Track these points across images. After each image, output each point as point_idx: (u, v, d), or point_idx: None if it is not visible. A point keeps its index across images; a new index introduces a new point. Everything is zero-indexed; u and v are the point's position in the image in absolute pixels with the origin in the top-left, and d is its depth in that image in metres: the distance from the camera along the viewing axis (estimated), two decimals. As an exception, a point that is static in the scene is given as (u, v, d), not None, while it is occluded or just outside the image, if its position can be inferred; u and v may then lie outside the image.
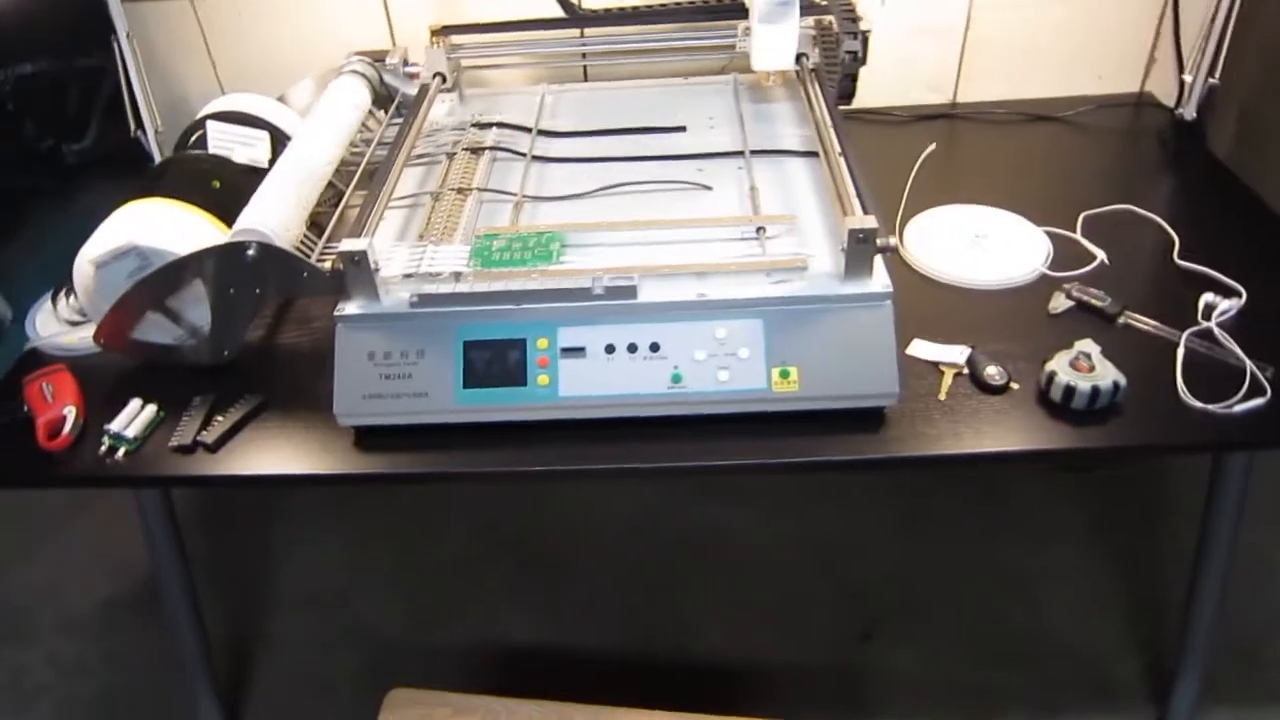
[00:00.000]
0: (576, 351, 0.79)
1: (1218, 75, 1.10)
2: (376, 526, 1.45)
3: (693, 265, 0.80)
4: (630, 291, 0.78)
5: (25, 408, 0.82)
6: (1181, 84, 1.15)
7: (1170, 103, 1.23)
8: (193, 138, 1.00)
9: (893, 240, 0.76)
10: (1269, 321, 0.87)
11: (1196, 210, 1.04)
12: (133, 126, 1.15)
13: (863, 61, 1.02)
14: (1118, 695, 1.18)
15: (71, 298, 0.97)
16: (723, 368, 0.78)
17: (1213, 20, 1.09)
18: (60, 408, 0.81)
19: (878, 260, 0.79)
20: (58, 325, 0.94)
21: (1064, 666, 1.21)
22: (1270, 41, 1.09)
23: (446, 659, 1.27)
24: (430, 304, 0.78)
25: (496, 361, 0.79)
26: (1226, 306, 0.88)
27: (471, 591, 1.35)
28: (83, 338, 0.91)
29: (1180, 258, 0.96)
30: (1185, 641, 1.08)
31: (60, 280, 0.97)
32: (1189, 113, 1.15)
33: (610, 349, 0.79)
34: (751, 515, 1.44)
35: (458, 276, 0.80)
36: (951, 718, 1.17)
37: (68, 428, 0.80)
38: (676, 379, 0.78)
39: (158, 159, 1.18)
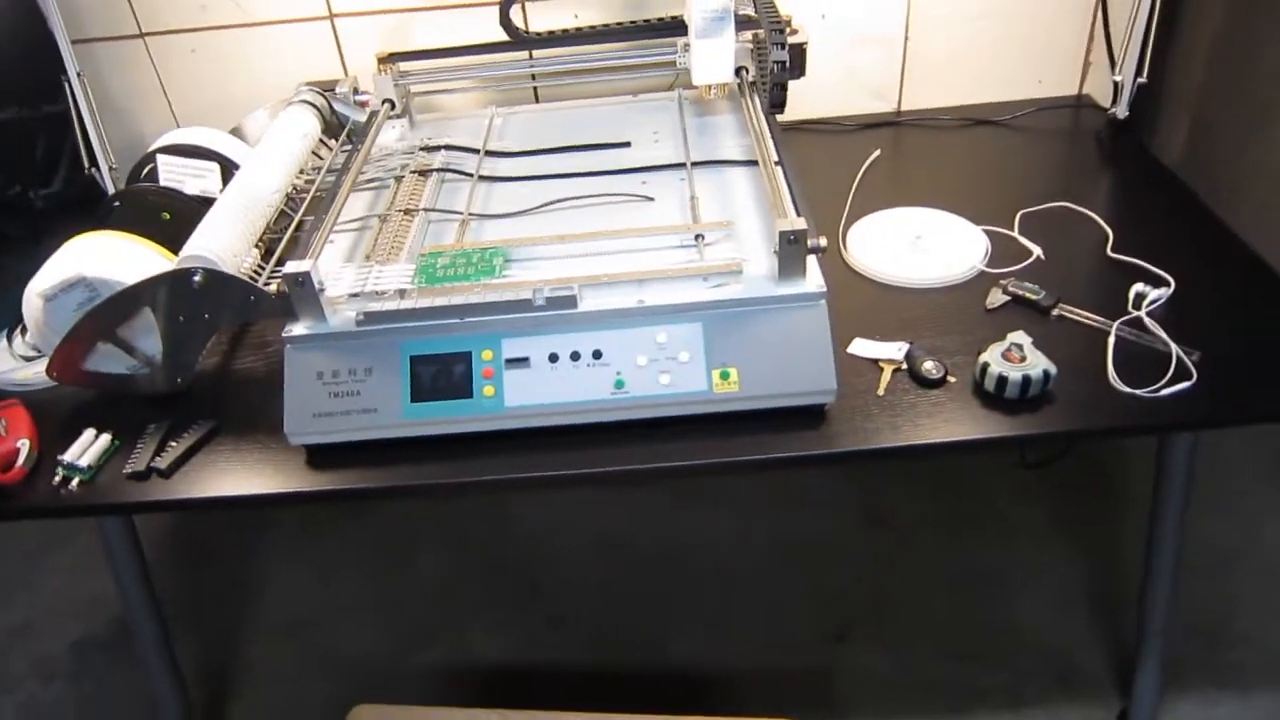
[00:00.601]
0: (520, 362, 0.80)
1: (1145, 75, 1.13)
2: (347, 552, 1.46)
3: (631, 273, 0.82)
4: (570, 301, 0.80)
5: (-20, 443, 0.83)
6: (1114, 85, 1.19)
7: (1107, 103, 1.27)
8: (144, 171, 1.01)
9: (823, 241, 0.78)
10: (1196, 308, 0.90)
11: (1130, 205, 1.07)
12: (87, 164, 1.17)
13: (799, 73, 1.04)
14: (1085, 684, 1.19)
15: (25, 334, 0.98)
16: (664, 372, 0.80)
17: (1132, 23, 1.13)
18: (14, 441, 0.82)
19: (811, 261, 0.81)
20: (12, 362, 0.95)
21: (1032, 659, 1.22)
22: (1206, 48, 1.13)
23: (422, 681, 1.27)
24: (376, 321, 0.80)
25: (443, 375, 0.80)
26: (1156, 295, 0.91)
27: (444, 612, 1.35)
28: (36, 372, 0.92)
29: (1113, 251, 0.99)
30: (1144, 626, 1.10)
31: (15, 319, 0.99)
32: (1121, 111, 1.18)
33: (554, 358, 0.80)
34: (718, 523, 1.45)
35: (402, 294, 0.82)
36: (926, 714, 1.18)
37: (21, 460, 0.81)
38: (619, 385, 0.80)
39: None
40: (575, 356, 0.80)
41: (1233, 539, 1.35)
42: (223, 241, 0.83)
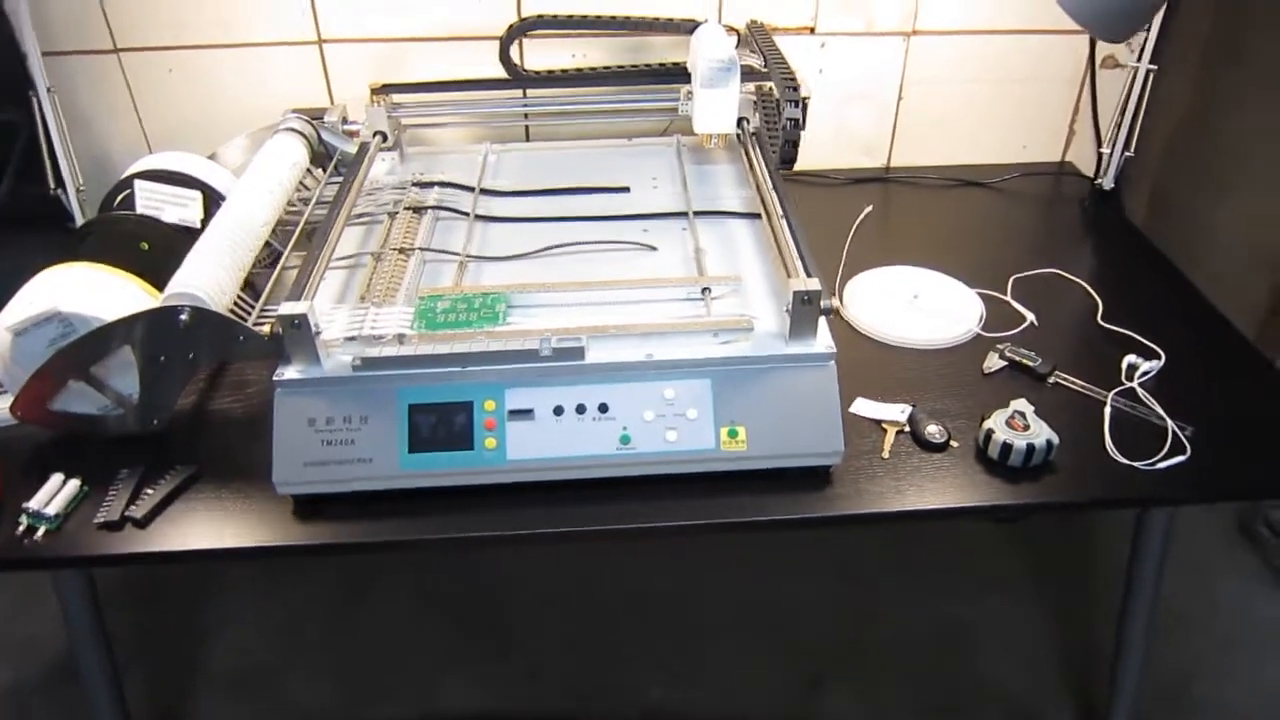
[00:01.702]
0: (524, 414, 0.78)
1: (1133, 148, 1.16)
2: (308, 599, 1.39)
3: (640, 325, 0.80)
4: (578, 353, 0.77)
5: (-65, 486, 0.77)
6: (1100, 156, 1.22)
7: (1089, 172, 1.30)
8: (119, 197, 0.97)
9: (835, 302, 0.78)
10: (1185, 382, 0.91)
11: (1116, 274, 1.09)
12: (52, 184, 1.11)
13: (802, 127, 1.05)
14: (1054, 742, 1.20)
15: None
16: (671, 428, 0.78)
17: (1127, 98, 1.16)
18: (-27, 484, 0.76)
19: (821, 321, 0.80)
20: (-31, 397, 0.89)
21: (1001, 713, 1.22)
22: (1170, 122, 1.17)
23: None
24: (373, 367, 0.77)
25: (442, 425, 0.77)
26: (1148, 368, 0.92)
27: (409, 664, 1.30)
28: (-2, 410, 0.87)
29: (1103, 320, 1.00)
30: (1115, 688, 1.12)
31: None
32: (1107, 183, 1.21)
33: (559, 410, 0.78)
34: (688, 573, 1.43)
35: (401, 339, 0.79)
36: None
37: (-19, 505, 0.76)
38: (625, 440, 0.78)
39: (79, 218, 1.14)
40: (581, 409, 0.78)
41: (1189, 602, 1.37)
42: (211, 278, 0.79)
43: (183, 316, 0.75)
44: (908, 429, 0.86)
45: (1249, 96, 1.20)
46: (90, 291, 0.78)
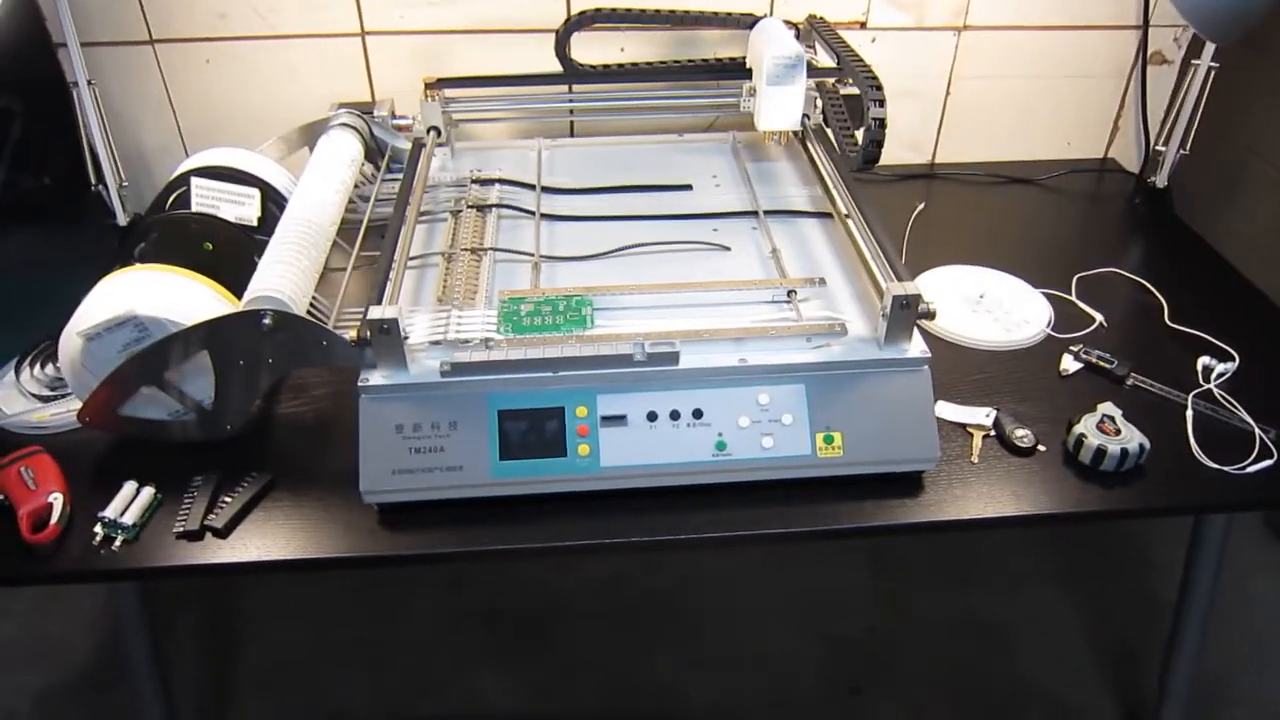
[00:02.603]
0: (618, 420, 0.76)
1: (1189, 146, 1.16)
2: (340, 599, 1.37)
3: (733, 330, 0.78)
4: (672, 358, 0.75)
5: (2, 497, 0.74)
6: (1153, 153, 1.21)
7: (1132, 168, 1.29)
8: (173, 196, 0.93)
9: (933, 306, 0.76)
10: (1263, 384, 0.91)
11: (1176, 273, 1.09)
12: (93, 181, 1.07)
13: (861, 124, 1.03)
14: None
15: (37, 368, 0.89)
16: (766, 434, 0.77)
17: (1183, 95, 1.15)
18: (45, 495, 0.73)
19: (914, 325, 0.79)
20: (24, 401, 0.85)
21: (1044, 713, 1.22)
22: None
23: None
24: (463, 372, 0.74)
25: (534, 431, 0.75)
26: (1223, 369, 0.92)
27: (444, 663, 1.28)
28: (55, 414, 0.83)
29: (1171, 320, 1.00)
30: (1165, 687, 1.11)
31: (25, 342, 0.90)
32: (1160, 180, 1.21)
33: (652, 416, 0.76)
34: (725, 571, 1.42)
35: (487, 343, 0.77)
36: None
37: (55, 517, 0.72)
38: (721, 446, 0.76)
39: (120, 216, 1.10)
40: (675, 416, 0.76)
41: (1224, 596, 1.38)
42: (290, 281, 0.77)
43: (266, 321, 0.72)
44: (993, 433, 0.85)
45: (1270, 89, 1.20)
46: (166, 295, 0.75)
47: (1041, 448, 0.84)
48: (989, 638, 1.32)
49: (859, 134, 0.89)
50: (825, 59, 1.04)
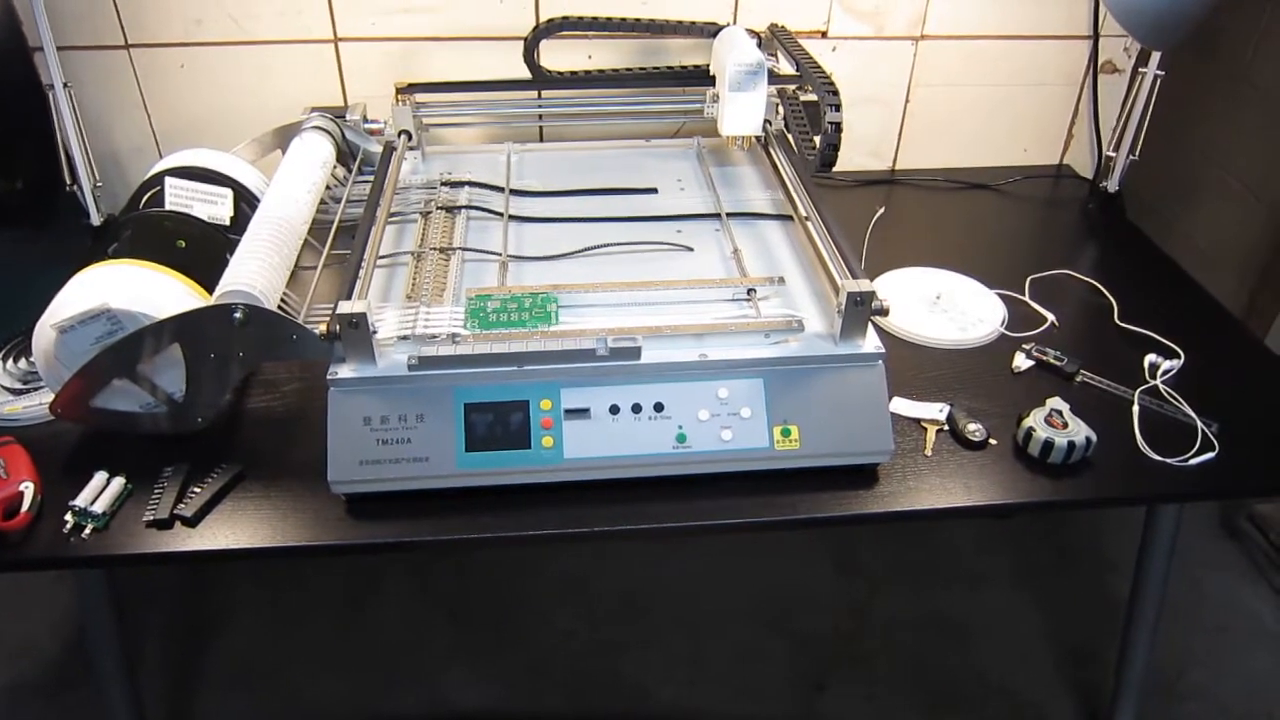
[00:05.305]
0: (581, 413, 0.78)
1: (1138, 152, 1.20)
2: (310, 594, 1.38)
3: (694, 326, 0.81)
4: (634, 352, 0.78)
5: (-27, 484, 0.75)
6: (1105, 159, 1.25)
7: (1086, 174, 1.34)
8: (147, 195, 0.95)
9: (887, 303, 0.79)
10: (1206, 380, 0.95)
11: (1126, 275, 1.12)
12: (68, 181, 1.09)
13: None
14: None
15: (10, 362, 0.90)
16: (725, 427, 0.79)
17: (1132, 103, 1.20)
18: (16, 484, 0.74)
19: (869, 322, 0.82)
20: (-2, 394, 0.87)
21: (1003, 709, 1.25)
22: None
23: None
24: (430, 366, 0.76)
25: (499, 424, 0.77)
26: (1169, 366, 0.96)
27: (413, 658, 1.29)
28: (27, 406, 0.85)
29: (1120, 320, 1.03)
30: (1120, 679, 1.15)
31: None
32: (1112, 185, 1.25)
33: (615, 409, 0.78)
34: (689, 569, 1.44)
35: (454, 338, 0.79)
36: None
37: (26, 504, 0.73)
38: (681, 439, 0.79)
39: (94, 216, 1.11)
40: (636, 409, 0.79)
41: (1178, 593, 1.42)
42: (263, 276, 0.78)
43: (237, 315, 0.74)
44: (947, 428, 0.88)
45: (1218, 96, 1.24)
46: (140, 289, 0.77)
47: (993, 441, 0.87)
48: (950, 635, 1.35)
49: (818, 139, 0.92)
50: (786, 67, 1.08)
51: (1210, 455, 0.85)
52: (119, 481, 0.77)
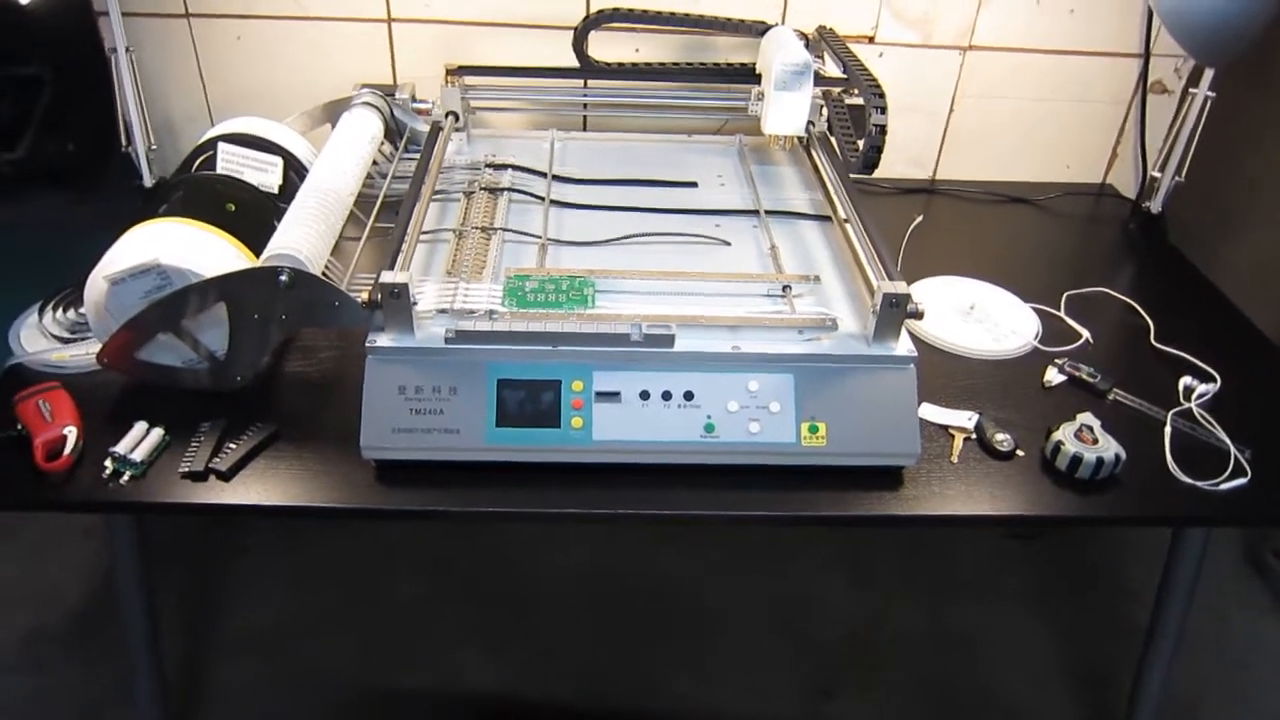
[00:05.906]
0: (612, 396, 0.79)
1: (1184, 174, 1.19)
2: (327, 566, 1.40)
3: (728, 318, 0.81)
4: (668, 340, 0.79)
5: (19, 426, 0.77)
6: (1148, 180, 1.25)
7: (1129, 194, 1.33)
8: (199, 159, 0.97)
9: (922, 306, 0.79)
10: (1242, 405, 0.94)
11: (1164, 296, 1.12)
12: (124, 143, 1.11)
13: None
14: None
15: (60, 312, 0.92)
16: (754, 420, 0.80)
17: (1181, 123, 1.19)
18: (60, 427, 0.76)
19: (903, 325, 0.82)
20: (45, 341, 0.89)
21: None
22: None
23: (402, 705, 1.22)
24: (466, 340, 0.77)
25: (530, 402, 0.78)
26: (1204, 390, 0.95)
27: (428, 635, 1.30)
28: (74, 355, 0.87)
29: (1157, 341, 1.03)
30: (1134, 705, 1.13)
31: (45, 293, 0.93)
32: (1155, 206, 1.24)
33: (645, 395, 0.79)
34: (704, 567, 1.44)
35: (491, 315, 0.80)
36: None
37: (68, 448, 0.76)
38: (709, 429, 0.79)
39: (147, 178, 1.14)
40: (667, 396, 0.79)
41: (1200, 624, 1.40)
42: (309, 242, 0.80)
43: (283, 278, 0.75)
44: (974, 436, 0.88)
45: (1271, 126, 1.23)
46: (190, 247, 0.79)
47: (1020, 453, 0.87)
48: (962, 650, 1.34)
49: (861, 143, 0.92)
50: (833, 69, 1.08)
51: (1242, 481, 0.85)
52: (158, 432, 0.79)
